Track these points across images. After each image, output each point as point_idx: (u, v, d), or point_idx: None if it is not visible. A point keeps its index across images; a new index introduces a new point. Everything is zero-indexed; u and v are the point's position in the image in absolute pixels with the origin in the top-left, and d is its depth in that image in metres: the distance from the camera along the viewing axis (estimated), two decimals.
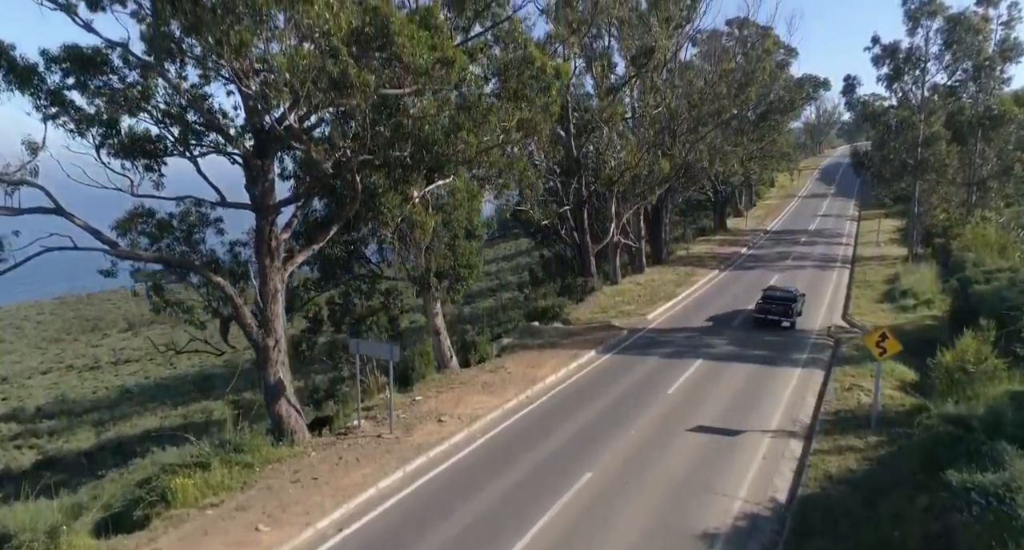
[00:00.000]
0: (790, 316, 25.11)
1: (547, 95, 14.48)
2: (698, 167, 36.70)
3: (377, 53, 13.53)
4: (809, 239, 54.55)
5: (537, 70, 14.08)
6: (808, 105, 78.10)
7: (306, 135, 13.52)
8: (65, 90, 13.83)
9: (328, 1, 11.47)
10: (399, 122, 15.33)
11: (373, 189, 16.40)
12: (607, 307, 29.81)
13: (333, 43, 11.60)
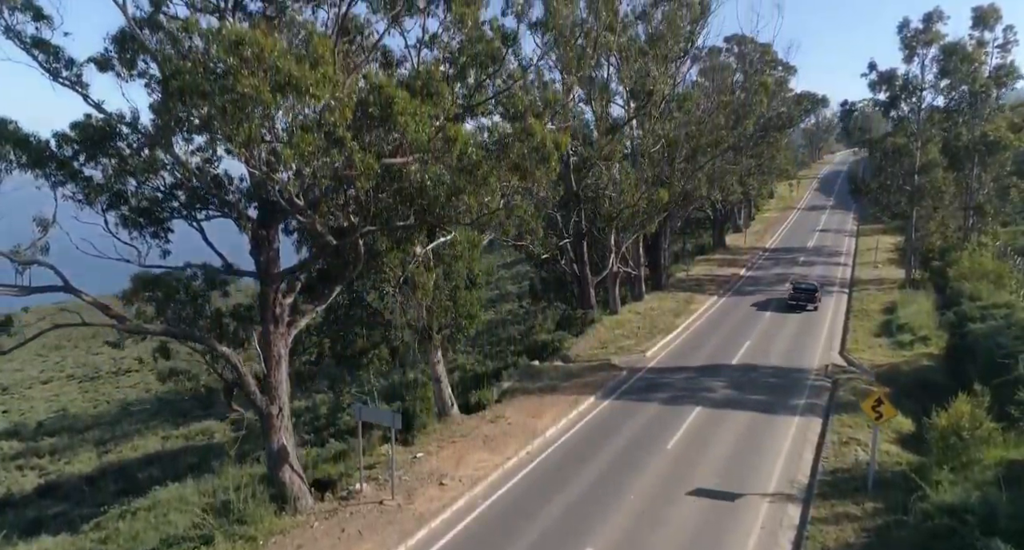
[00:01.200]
0: (814, 302, 34.86)
1: (547, 165, 14.70)
2: (697, 195, 36.92)
3: (379, 129, 13.77)
4: (807, 258, 54.78)
5: (538, 143, 14.30)
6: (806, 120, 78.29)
7: (310, 209, 13.71)
8: (75, 160, 14.07)
9: (335, 95, 11.66)
10: (401, 187, 15.55)
11: (375, 248, 16.62)
12: (607, 341, 30.00)
13: (338, 133, 11.80)
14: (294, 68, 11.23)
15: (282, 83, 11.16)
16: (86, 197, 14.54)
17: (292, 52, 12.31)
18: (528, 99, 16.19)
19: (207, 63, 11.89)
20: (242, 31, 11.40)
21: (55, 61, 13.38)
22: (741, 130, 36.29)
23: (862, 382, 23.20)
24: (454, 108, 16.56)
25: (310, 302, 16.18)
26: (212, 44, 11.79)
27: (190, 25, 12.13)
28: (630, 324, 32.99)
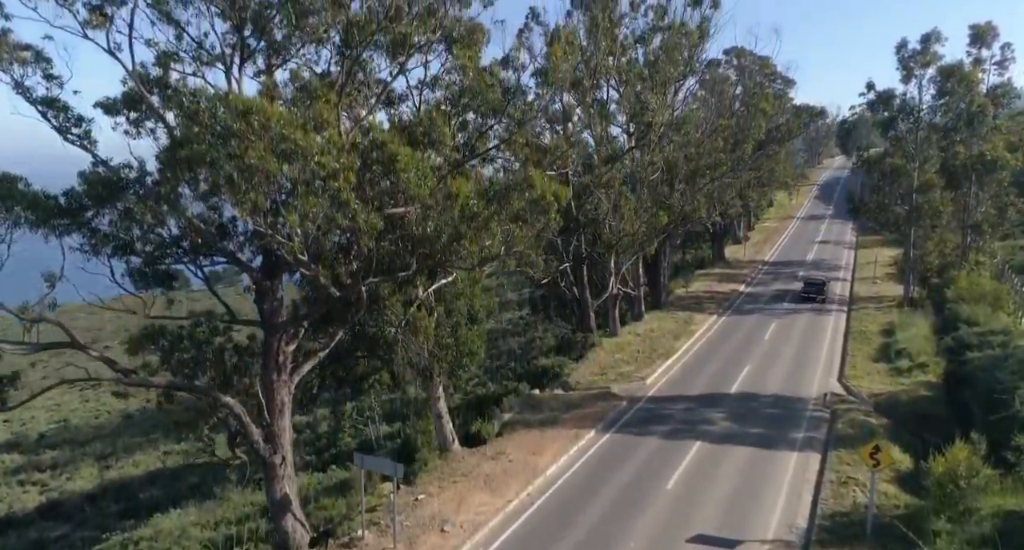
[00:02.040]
0: (822, 294, 42.27)
1: (546, 216, 14.89)
2: (696, 217, 37.14)
3: (382, 184, 13.96)
4: (807, 272, 54.90)
5: (538, 196, 14.49)
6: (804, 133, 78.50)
7: (313, 262, 13.87)
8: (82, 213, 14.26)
9: (339, 160, 11.84)
10: (403, 234, 15.74)
11: (377, 293, 16.79)
12: (606, 367, 30.16)
13: (343, 197, 11.98)
14: (299, 137, 11.42)
15: (288, 152, 11.35)
16: (92, 247, 14.73)
17: (296, 114, 12.51)
18: (527, 149, 16.31)
19: (214, 126, 12.09)
20: (249, 101, 11.60)
21: (65, 120, 13.59)
22: (740, 154, 36.49)
23: (861, 413, 23.36)
24: (455, 154, 16.80)
25: (312, 340, 16.35)
26: (220, 108, 11.97)
27: (199, 93, 12.31)
28: (630, 347, 33.14)
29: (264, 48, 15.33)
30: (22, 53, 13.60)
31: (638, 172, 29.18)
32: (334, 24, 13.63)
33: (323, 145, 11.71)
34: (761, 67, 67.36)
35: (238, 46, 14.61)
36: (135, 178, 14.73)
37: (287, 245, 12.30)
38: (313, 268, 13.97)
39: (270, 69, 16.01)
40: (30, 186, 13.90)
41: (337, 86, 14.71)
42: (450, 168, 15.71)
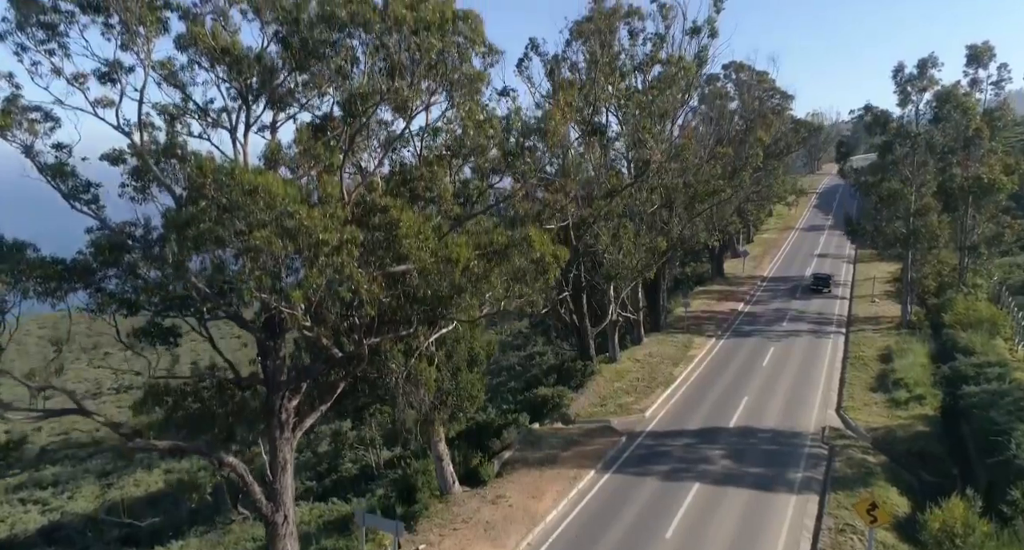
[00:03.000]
0: (828, 286, 51.13)
1: (546, 276, 15.09)
2: (695, 241, 37.35)
3: (384, 250, 14.15)
4: (805, 290, 55.19)
5: (538, 257, 14.69)
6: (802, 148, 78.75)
7: (316, 325, 14.06)
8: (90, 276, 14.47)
9: (343, 237, 12.02)
10: (404, 290, 15.91)
11: (378, 345, 16.96)
12: (606, 397, 30.34)
13: (346, 271, 12.17)
14: (304, 217, 11.60)
15: (293, 232, 11.54)
16: (99, 306, 14.93)
17: (299, 187, 12.70)
18: (527, 204, 16.52)
19: (220, 199, 12.28)
20: (255, 178, 11.78)
21: (73, 188, 13.80)
22: (738, 181, 36.74)
23: (859, 451, 23.54)
24: (456, 207, 16.99)
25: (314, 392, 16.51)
26: (226, 182, 12.16)
27: (204, 166, 12.50)
28: (629, 375, 33.32)
29: (269, 103, 15.57)
30: (31, 114, 13.84)
31: (637, 206, 29.39)
32: (337, 92, 13.81)
33: (327, 222, 11.88)
34: (759, 81, 67.78)
35: (243, 109, 14.84)
36: (141, 235, 14.94)
37: (291, 314, 12.48)
38: (316, 330, 14.15)
39: (274, 126, 16.25)
40: (38, 251, 14.12)
41: (340, 145, 14.93)
42: (451, 225, 15.89)
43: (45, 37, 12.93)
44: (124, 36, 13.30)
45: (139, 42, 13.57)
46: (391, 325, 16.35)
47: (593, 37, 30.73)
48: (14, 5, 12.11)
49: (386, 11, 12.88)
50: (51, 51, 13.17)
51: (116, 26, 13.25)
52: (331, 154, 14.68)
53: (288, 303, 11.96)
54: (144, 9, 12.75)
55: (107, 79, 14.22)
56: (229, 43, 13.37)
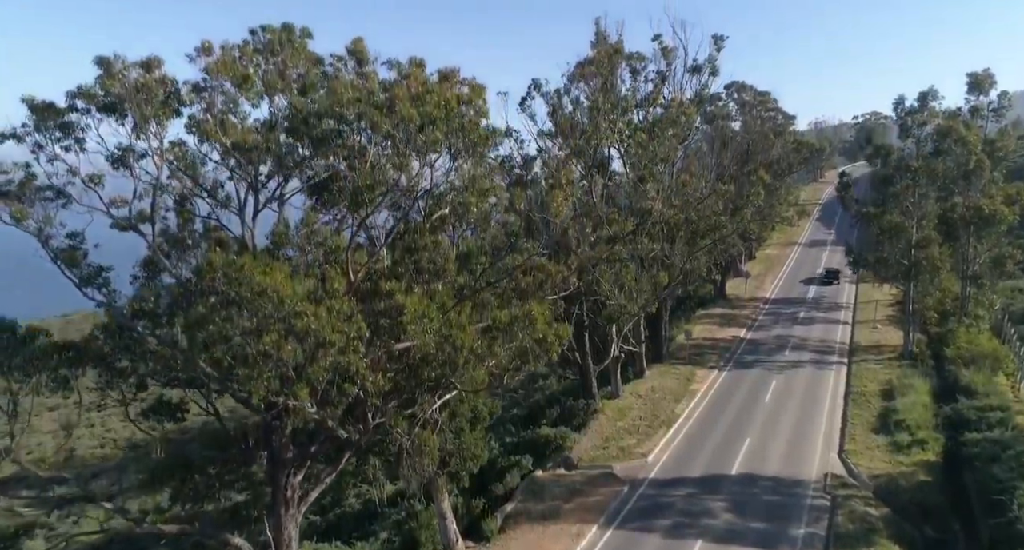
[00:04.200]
0: (837, 279, 61.93)
1: (548, 354, 15.33)
2: (697, 274, 37.54)
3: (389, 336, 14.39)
4: (807, 313, 55.16)
5: (540, 337, 14.91)
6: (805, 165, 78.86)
7: (321, 409, 14.28)
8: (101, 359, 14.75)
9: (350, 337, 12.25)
10: (408, 364, 16.15)
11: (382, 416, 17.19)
12: (608, 438, 30.48)
13: (352, 369, 12.40)
14: (311, 318, 11.84)
15: (301, 334, 11.78)
16: (107, 383, 15.20)
17: (306, 282, 12.94)
18: (529, 278, 16.74)
19: (229, 293, 12.53)
20: (264, 281, 12.02)
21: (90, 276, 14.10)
22: (740, 218, 36.95)
23: (861, 502, 23.63)
24: (460, 277, 17.23)
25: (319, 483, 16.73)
26: (235, 277, 12.40)
27: (213, 261, 12.75)
28: (631, 412, 33.46)
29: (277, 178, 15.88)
30: (44, 192, 14.14)
31: (638, 249, 29.63)
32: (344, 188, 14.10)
33: (333, 322, 12.13)
34: (761, 102, 68.14)
35: (250, 193, 15.13)
36: (151, 309, 15.23)
37: (297, 408, 12.71)
38: (322, 414, 14.38)
39: (282, 198, 16.54)
40: (51, 336, 14.40)
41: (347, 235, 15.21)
42: (455, 299, 16.11)
43: (61, 135, 13.23)
44: (136, 129, 13.59)
45: (150, 133, 13.88)
46: (395, 395, 16.58)
47: (594, 79, 31.02)
48: (33, 111, 12.41)
49: (392, 109, 13.14)
50: (67, 147, 13.48)
51: (129, 121, 13.54)
52: (336, 237, 14.95)
53: (294, 397, 12.19)
54: (157, 108, 13.02)
55: (120, 163, 14.52)
56: (239, 137, 13.64)
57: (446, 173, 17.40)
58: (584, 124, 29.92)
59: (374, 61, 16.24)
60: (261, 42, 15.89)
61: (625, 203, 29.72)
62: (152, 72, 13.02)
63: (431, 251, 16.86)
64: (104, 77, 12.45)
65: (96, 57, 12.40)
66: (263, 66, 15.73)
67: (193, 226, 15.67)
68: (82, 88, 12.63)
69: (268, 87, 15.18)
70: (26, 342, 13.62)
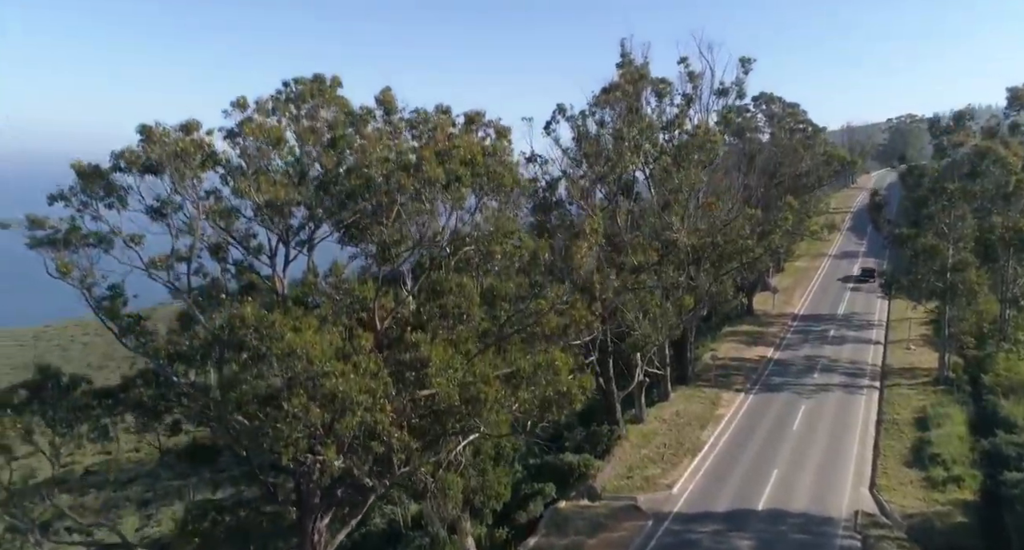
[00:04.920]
0: (873, 278, 61.65)
1: (572, 405, 15.37)
2: (722, 298, 37.12)
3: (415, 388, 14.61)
4: (838, 331, 53.93)
5: (564, 389, 14.98)
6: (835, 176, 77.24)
7: (347, 458, 14.55)
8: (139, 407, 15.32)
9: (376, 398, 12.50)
10: (432, 409, 16.36)
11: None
12: (633, 466, 30.28)
13: (380, 428, 12.65)
14: (340, 380, 12.11)
15: (328, 398, 12.06)
16: (143, 425, 15.75)
17: (333, 338, 13.23)
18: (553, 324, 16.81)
19: (259, 349, 12.90)
20: (294, 341, 12.35)
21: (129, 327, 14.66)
22: (768, 242, 36.42)
23: (893, 544, 23.05)
24: (484, 323, 17.39)
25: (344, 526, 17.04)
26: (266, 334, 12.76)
27: (246, 316, 13.14)
28: (656, 439, 33.19)
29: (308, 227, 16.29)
30: (87, 240, 14.75)
31: (663, 278, 29.45)
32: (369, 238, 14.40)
33: (361, 383, 12.38)
34: (790, 114, 67.03)
35: (280, 244, 15.54)
36: (186, 352, 15.73)
37: (326, 465, 12.99)
38: (348, 464, 14.66)
39: (311, 244, 16.95)
40: (91, 383, 15.00)
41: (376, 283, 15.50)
42: (480, 345, 16.26)
43: (105, 194, 13.81)
44: (175, 187, 14.10)
45: (188, 187, 14.37)
46: (419, 437, 16.79)
47: (619, 104, 30.98)
48: (80, 176, 12.99)
49: (419, 168, 13.38)
50: (109, 205, 14.05)
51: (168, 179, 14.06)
52: (364, 287, 15.24)
53: (324, 458, 12.47)
54: (195, 169, 13.50)
55: (157, 215, 15.08)
56: (273, 194, 14.04)
57: (471, 211, 17.67)
58: (609, 150, 29.89)
59: (402, 110, 16.53)
60: (293, 92, 16.34)
61: (650, 229, 29.54)
62: (191, 134, 13.51)
63: (456, 294, 17.05)
64: (146, 142, 12.98)
65: (139, 126, 12.95)
66: (295, 117, 16.22)
67: (227, 276, 16.13)
68: (126, 151, 13.18)
69: (300, 138, 15.59)
70: (69, 390, 14.22)
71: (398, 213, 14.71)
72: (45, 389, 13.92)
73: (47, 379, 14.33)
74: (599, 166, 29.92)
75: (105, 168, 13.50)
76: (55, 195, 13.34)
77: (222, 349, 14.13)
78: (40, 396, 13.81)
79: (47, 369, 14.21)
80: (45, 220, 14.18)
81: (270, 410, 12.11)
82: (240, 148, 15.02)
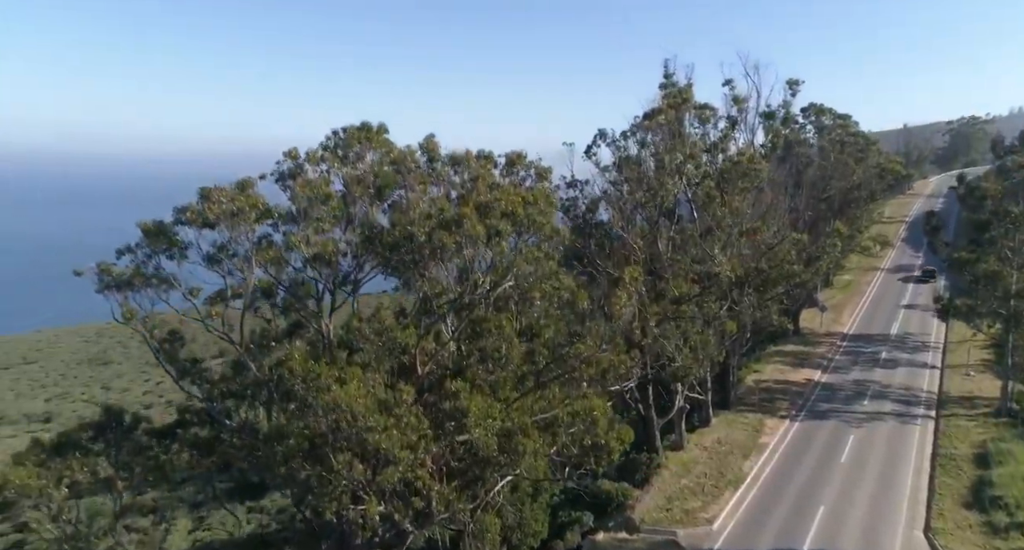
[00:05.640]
0: (934, 278, 65.88)
1: (610, 457, 15.36)
2: (767, 324, 36.22)
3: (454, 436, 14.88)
4: (890, 354, 51.75)
5: (602, 442, 14.98)
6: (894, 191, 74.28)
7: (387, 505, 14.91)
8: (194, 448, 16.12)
9: (416, 454, 12.82)
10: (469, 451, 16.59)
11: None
12: (672, 496, 29.84)
13: (419, 483, 12.96)
14: (383, 438, 12.47)
15: (370, 454, 12.43)
16: (196, 461, 16.53)
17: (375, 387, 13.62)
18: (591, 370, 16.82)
19: (306, 399, 13.40)
20: (339, 395, 12.79)
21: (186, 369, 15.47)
22: (816, 268, 35.33)
23: None
24: (523, 366, 17.54)
25: None
26: (312, 386, 13.26)
27: (295, 369, 13.69)
28: (696, 468, 32.61)
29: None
30: (149, 281, 15.64)
31: (704, 310, 28.97)
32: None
33: (403, 439, 12.71)
34: (842, 126, 64.65)
35: (326, 292, 16.10)
36: (238, 391, 16.47)
37: (367, 519, 13.37)
38: (388, 511, 15.03)
39: (356, 285, 17.47)
40: (150, 422, 15.85)
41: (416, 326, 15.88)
42: (518, 390, 16.41)
43: (166, 246, 14.65)
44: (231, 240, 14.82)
45: (243, 238, 15.08)
46: (458, 476, 17.06)
47: (661, 130, 30.72)
48: (145, 235, 13.84)
49: (460, 225, 13.66)
50: (171, 255, 14.89)
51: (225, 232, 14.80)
52: (406, 333, 15.63)
53: (366, 513, 12.85)
54: (249, 225, 14.17)
55: (212, 263, 15.86)
56: (321, 247, 14.59)
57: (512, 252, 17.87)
58: (650, 177, 29.67)
59: (444, 160, 16.89)
60: (341, 140, 16.94)
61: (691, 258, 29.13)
62: (246, 190, 14.19)
63: (495, 335, 17.26)
64: (204, 202, 13.72)
65: (199, 189, 13.72)
66: (343, 157, 16.81)
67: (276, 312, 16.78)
68: (187, 209, 13.98)
69: (348, 186, 16.14)
70: (131, 430, 15.10)
71: (439, 273, 15.06)
72: (109, 429, 14.83)
73: (111, 418, 15.23)
74: (640, 192, 29.72)
75: (168, 222, 14.33)
76: (122, 250, 14.27)
77: (271, 393, 14.74)
78: (105, 436, 14.73)
79: (111, 409, 15.11)
80: (112, 267, 15.11)
81: (315, 465, 12.58)
82: (291, 193, 15.68)
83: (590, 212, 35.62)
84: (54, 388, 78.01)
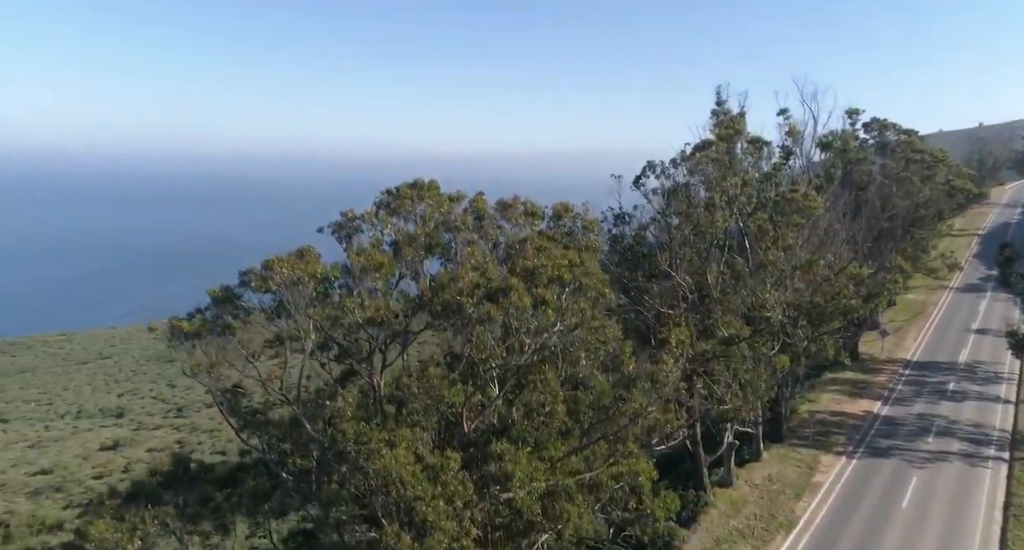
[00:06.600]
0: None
1: (656, 523, 15.28)
2: (823, 357, 34.97)
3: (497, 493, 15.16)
4: (959, 384, 48.84)
5: (648, 511, 14.96)
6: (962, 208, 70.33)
7: None
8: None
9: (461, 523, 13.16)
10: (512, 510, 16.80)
11: None
12: (720, 539, 29.19)
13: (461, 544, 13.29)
14: (430, 510, 12.86)
15: (418, 525, 12.84)
16: (255, 508, 17.40)
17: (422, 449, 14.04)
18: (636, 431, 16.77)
19: (357, 461, 13.96)
20: (388, 463, 13.27)
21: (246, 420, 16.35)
22: (875, 305, 33.88)
23: None
24: (566, 420, 17.64)
25: None
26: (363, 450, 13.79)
27: (346, 431, 14.27)
28: (746, 508, 31.78)
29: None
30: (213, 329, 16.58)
31: (755, 350, 28.27)
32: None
33: (448, 510, 13.07)
34: (908, 143, 61.63)
35: (377, 352, 16.71)
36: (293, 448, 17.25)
37: None
38: None
39: (406, 344, 18.02)
40: (214, 471, 16.81)
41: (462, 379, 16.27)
42: (562, 456, 16.51)
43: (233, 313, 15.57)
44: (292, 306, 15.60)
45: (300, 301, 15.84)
46: (502, 529, 17.31)
47: (711, 164, 30.23)
48: (214, 301, 14.77)
49: (507, 296, 13.94)
50: (235, 315, 15.80)
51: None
52: (454, 390, 16.04)
53: None
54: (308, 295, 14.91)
55: (272, 316, 16.70)
56: (374, 312, 15.17)
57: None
58: (699, 213, 29.25)
59: (492, 217, 17.24)
60: (395, 198, 17.57)
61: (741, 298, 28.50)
62: (304, 257, 14.95)
63: (540, 390, 17.45)
64: (265, 272, 14.55)
65: (263, 261, 14.56)
66: (395, 210, 17.46)
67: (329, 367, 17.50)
68: (251, 275, 14.84)
69: (398, 245, 16.72)
70: (196, 480, 16.09)
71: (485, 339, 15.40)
72: (177, 479, 15.86)
73: (180, 463, 16.28)
74: (689, 228, 29.33)
75: (234, 286, 15.27)
76: (192, 313, 15.33)
77: (324, 450, 15.42)
78: (173, 486, 15.77)
79: (180, 457, 16.15)
80: (183, 323, 16.17)
81: (366, 529, 13.10)
82: (347, 257, 16.40)
83: (638, 244, 35.34)
84: (126, 383, 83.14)
